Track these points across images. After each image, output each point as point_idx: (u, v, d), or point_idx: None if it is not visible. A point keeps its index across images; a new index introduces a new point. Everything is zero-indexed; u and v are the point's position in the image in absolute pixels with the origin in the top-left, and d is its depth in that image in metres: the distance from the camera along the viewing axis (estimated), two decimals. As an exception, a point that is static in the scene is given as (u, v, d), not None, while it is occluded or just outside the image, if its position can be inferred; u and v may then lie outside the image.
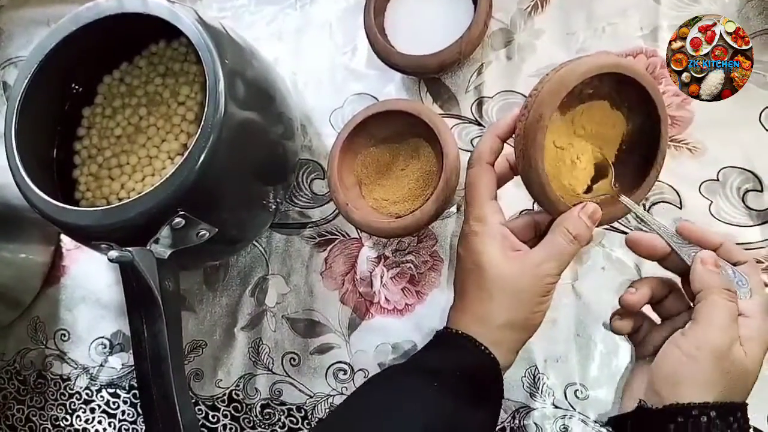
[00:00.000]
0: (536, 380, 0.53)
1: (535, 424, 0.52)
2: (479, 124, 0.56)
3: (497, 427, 0.50)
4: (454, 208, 0.56)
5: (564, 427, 0.52)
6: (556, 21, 0.56)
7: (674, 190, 0.51)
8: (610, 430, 0.43)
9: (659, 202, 0.51)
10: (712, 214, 0.50)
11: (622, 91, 0.40)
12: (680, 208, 0.51)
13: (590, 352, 0.51)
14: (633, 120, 0.41)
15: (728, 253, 0.41)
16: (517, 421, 0.53)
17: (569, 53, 0.55)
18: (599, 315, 0.52)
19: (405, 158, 0.55)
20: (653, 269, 0.50)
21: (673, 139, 0.51)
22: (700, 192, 0.51)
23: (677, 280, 0.43)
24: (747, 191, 0.50)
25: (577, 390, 0.52)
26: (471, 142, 0.56)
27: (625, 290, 0.43)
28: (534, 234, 0.44)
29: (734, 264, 0.40)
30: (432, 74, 0.57)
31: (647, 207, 0.51)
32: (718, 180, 0.50)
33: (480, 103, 0.56)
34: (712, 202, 0.50)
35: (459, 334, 0.41)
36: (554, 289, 0.41)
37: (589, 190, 0.42)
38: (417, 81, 0.59)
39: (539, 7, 0.57)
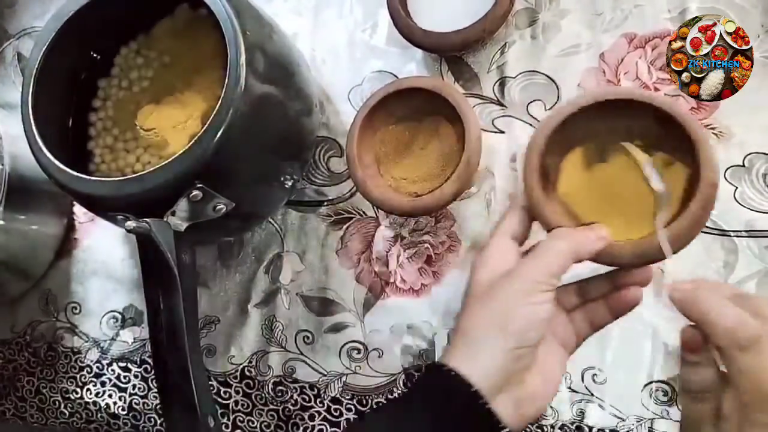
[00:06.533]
0: (553, 364, 0.52)
1: (551, 407, 0.52)
2: (501, 104, 0.55)
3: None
4: (474, 188, 0.55)
5: (580, 411, 0.51)
6: (582, 1, 0.55)
7: (699, 175, 0.50)
8: None
9: (683, 187, 0.50)
10: (736, 200, 0.49)
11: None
12: (704, 194, 0.50)
13: (608, 337, 0.51)
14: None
15: None
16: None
17: (595, 33, 0.54)
18: (618, 300, 0.51)
19: (425, 137, 0.54)
20: (677, 265, 0.50)
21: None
22: (725, 177, 0.50)
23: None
24: (773, 178, 0.49)
25: (595, 374, 0.51)
26: (492, 123, 0.55)
27: None
28: (577, 299, 0.41)
29: None
30: (454, 52, 0.56)
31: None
32: (743, 166, 0.49)
33: (502, 82, 0.55)
34: (737, 188, 0.49)
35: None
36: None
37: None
38: (438, 59, 0.58)
39: (565, -13, 0.55)
